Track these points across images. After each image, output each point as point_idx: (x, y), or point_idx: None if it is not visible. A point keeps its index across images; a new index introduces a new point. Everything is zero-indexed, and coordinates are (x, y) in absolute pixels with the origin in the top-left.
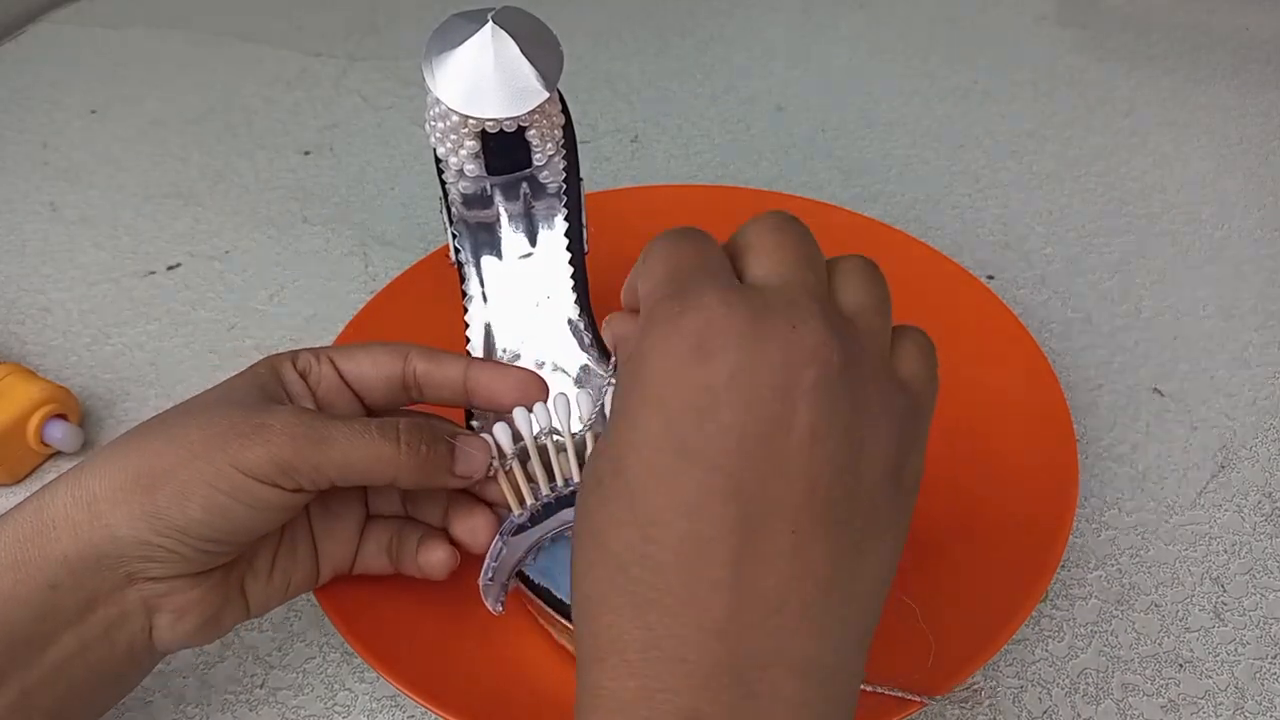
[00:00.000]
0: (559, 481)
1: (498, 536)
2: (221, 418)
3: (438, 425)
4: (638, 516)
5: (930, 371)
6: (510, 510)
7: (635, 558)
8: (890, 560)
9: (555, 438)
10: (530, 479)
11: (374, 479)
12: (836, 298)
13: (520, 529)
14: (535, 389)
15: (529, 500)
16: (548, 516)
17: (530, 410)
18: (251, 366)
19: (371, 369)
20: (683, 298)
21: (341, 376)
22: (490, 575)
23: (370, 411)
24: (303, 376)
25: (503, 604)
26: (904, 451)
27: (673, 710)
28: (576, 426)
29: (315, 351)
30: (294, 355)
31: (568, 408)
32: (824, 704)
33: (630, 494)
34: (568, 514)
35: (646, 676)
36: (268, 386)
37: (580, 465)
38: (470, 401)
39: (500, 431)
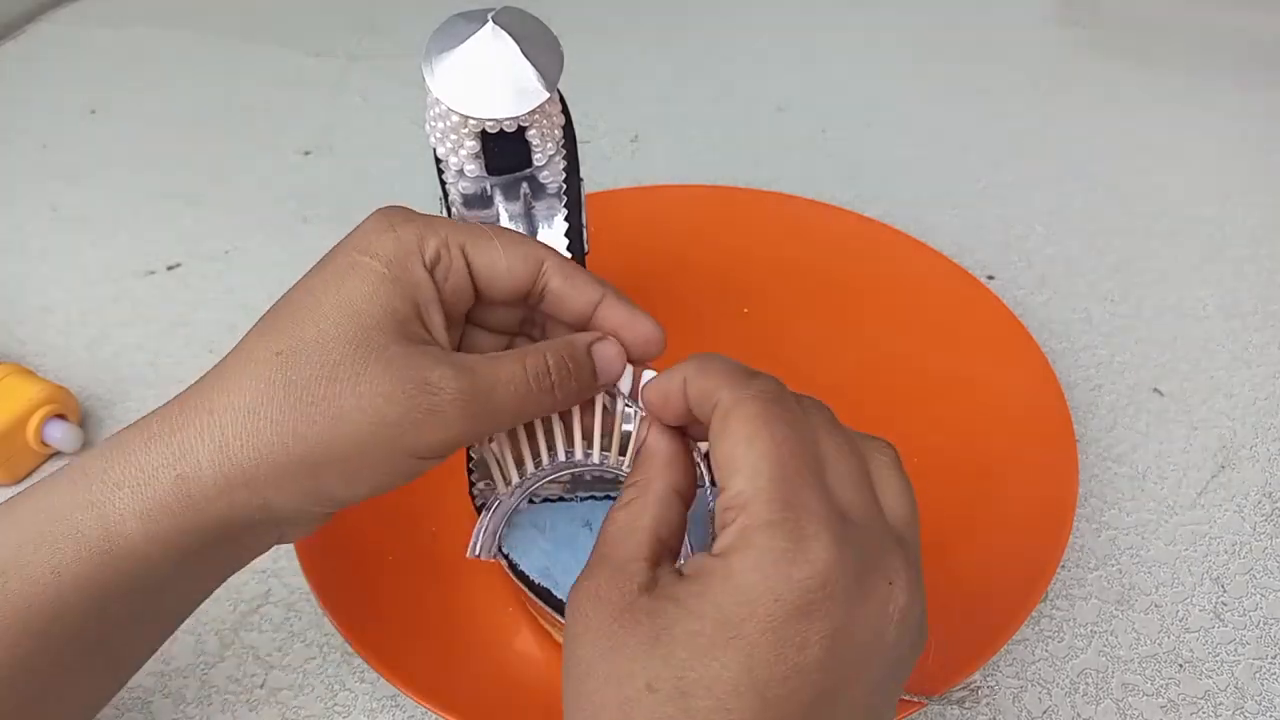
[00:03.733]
0: (544, 458)
1: (485, 514)
2: (379, 394)
3: (577, 342)
4: None
5: (916, 517)
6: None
7: None
8: None
9: None
10: (519, 459)
11: None
12: (881, 505)
13: (504, 504)
14: (656, 346)
15: (514, 478)
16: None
17: None
18: (366, 251)
19: (505, 272)
20: (796, 532)
21: (469, 268)
22: (476, 551)
23: (479, 301)
24: (430, 269)
25: (494, 552)
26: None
27: None
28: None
29: (446, 236)
30: (421, 238)
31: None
32: None
33: None
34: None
35: None
36: (398, 308)
37: (566, 436)
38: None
39: None
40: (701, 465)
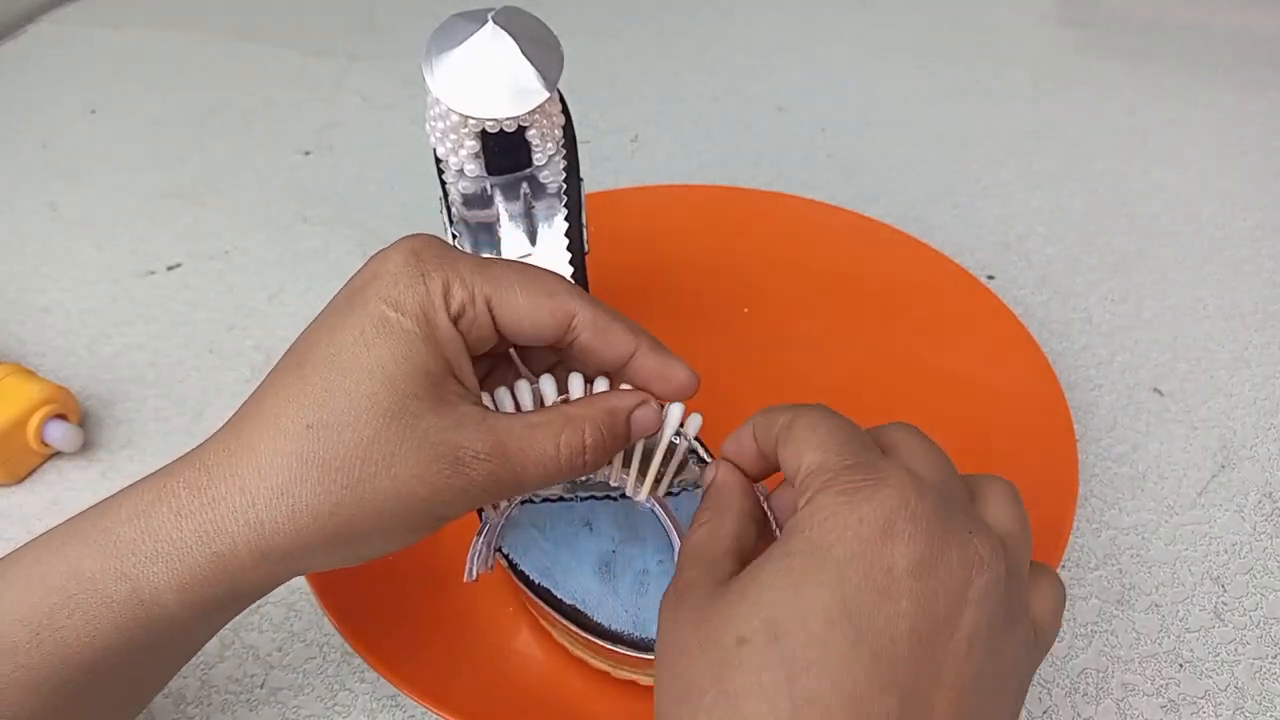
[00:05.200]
0: None
1: (477, 538)
2: (412, 476)
3: (618, 413)
4: (794, 692)
5: (1058, 618)
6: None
7: None
8: None
9: None
10: None
11: None
12: (983, 517)
13: (493, 526)
14: (689, 392)
15: (504, 503)
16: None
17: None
18: (397, 306)
19: (530, 328)
20: (872, 470)
21: (493, 321)
22: (474, 574)
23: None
24: (455, 320)
25: (490, 566)
26: (1024, 685)
27: None
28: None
29: (472, 288)
30: (447, 289)
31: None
32: None
33: (788, 665)
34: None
35: None
36: (431, 369)
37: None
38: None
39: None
40: (765, 505)
